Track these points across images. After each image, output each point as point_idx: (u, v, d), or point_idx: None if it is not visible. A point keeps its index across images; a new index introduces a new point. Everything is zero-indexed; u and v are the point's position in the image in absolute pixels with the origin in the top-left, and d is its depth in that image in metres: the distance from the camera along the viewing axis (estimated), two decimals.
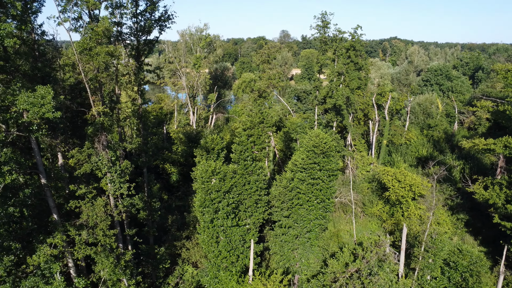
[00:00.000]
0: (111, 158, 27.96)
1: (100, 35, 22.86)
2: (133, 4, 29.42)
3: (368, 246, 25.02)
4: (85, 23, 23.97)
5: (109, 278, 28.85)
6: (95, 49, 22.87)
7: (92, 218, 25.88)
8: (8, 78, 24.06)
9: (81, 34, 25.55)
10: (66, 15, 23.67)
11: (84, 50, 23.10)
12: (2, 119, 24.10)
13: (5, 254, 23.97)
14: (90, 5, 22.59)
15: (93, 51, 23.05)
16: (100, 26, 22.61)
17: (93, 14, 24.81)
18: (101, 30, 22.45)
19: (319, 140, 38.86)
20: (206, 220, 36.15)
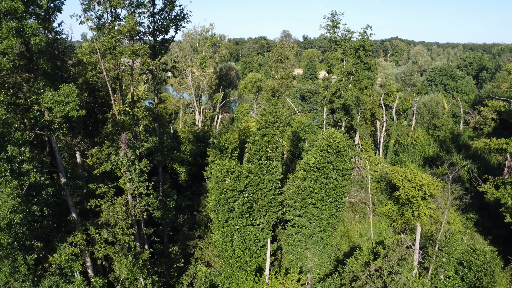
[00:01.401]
0: (130, 157, 27.95)
1: (124, 34, 22.86)
2: (150, 3, 29.39)
3: (390, 245, 25.05)
4: (107, 22, 23.93)
5: (126, 277, 28.84)
6: (120, 48, 22.85)
7: (113, 217, 25.86)
8: (31, 77, 24.05)
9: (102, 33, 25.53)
10: (88, 13, 23.64)
11: (108, 49, 23.09)
12: (25, 117, 24.15)
13: (28, 253, 23.98)
14: (115, 4, 22.58)
15: (117, 50, 23.05)
16: (126, 26, 22.59)
17: (114, 13, 24.79)
18: (128, 29, 22.43)
19: (333, 140, 38.88)
20: (221, 220, 36.16)
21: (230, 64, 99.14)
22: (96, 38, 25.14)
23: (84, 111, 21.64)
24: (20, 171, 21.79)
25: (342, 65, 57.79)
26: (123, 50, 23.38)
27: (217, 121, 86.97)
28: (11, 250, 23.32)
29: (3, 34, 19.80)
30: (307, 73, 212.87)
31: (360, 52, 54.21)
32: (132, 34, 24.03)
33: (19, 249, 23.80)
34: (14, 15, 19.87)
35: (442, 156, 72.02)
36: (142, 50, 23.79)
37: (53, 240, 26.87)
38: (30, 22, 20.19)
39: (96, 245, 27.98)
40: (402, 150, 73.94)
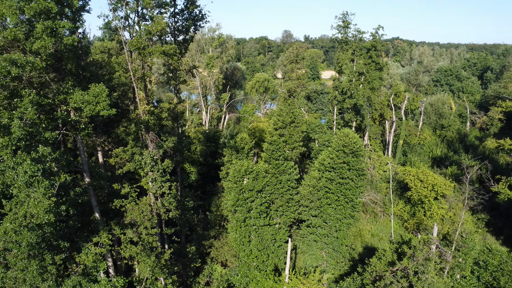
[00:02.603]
0: (153, 157, 27.97)
1: (153, 34, 22.87)
2: (171, 3, 29.42)
3: (416, 245, 25.10)
4: (135, 22, 23.95)
5: (148, 277, 28.87)
6: (149, 48, 22.86)
7: (139, 217, 25.87)
8: (58, 77, 24.05)
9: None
10: (116, 13, 23.65)
11: (138, 49, 23.09)
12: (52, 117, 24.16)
13: (55, 253, 23.98)
14: (145, 4, 22.59)
15: (146, 50, 23.06)
16: (156, 26, 22.60)
17: (141, 13, 24.80)
18: (158, 29, 22.44)
19: (349, 140, 38.98)
20: (238, 219, 36.19)
21: (235, 64, 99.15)
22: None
23: (114, 110, 21.66)
24: (51, 171, 21.82)
25: (352, 66, 57.87)
26: (153, 50, 23.40)
27: (224, 121, 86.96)
28: (39, 250, 23.32)
29: (37, 33, 19.83)
30: (310, 73, 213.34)
31: (371, 53, 54.31)
32: (162, 34, 24.04)
33: (47, 249, 23.81)
34: (47, 15, 19.88)
35: (450, 156, 72.16)
36: (172, 50, 23.79)
37: (78, 240, 26.89)
38: (62, 22, 20.18)
39: (120, 245, 27.98)
40: (410, 150, 74.05)
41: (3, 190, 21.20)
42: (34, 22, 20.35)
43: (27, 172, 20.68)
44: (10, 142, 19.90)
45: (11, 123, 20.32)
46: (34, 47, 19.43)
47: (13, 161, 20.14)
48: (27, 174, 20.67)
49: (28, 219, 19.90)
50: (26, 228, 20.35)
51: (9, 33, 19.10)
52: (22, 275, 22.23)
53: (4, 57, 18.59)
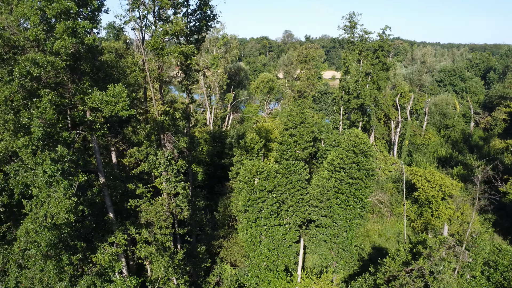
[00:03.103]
0: (167, 157, 27.98)
1: (170, 34, 22.88)
2: (184, 3, 29.42)
3: (433, 245, 25.14)
4: (152, 23, 23.96)
5: (162, 277, 28.89)
6: (168, 48, 22.86)
7: (156, 217, 25.88)
8: (74, 77, 24.04)
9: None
10: (133, 13, 23.66)
11: (156, 50, 23.10)
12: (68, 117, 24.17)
13: (72, 253, 24.00)
14: (164, 4, 22.60)
15: (164, 50, 23.06)
16: (175, 26, 22.60)
17: (157, 13, 24.82)
18: (176, 30, 22.45)
19: (359, 140, 39.03)
20: (250, 219, 36.23)
21: (239, 64, 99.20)
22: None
23: (134, 110, 21.66)
24: (70, 171, 21.84)
25: (358, 66, 57.92)
26: (172, 51, 23.40)
27: (228, 121, 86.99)
28: (56, 250, 23.34)
29: (57, 33, 19.84)
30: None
31: (379, 53, 54.37)
32: (180, 35, 24.05)
33: (64, 249, 23.83)
34: (67, 15, 19.89)
35: (455, 156, 72.26)
36: (190, 51, 23.80)
37: (93, 240, 26.89)
38: (82, 22, 20.19)
39: (135, 245, 27.98)
40: (415, 150, 74.11)
41: (22, 190, 21.21)
42: (55, 22, 20.37)
43: (46, 172, 20.71)
44: (31, 142, 19.92)
45: (31, 123, 20.33)
46: (54, 47, 19.43)
47: (33, 161, 20.16)
48: (46, 174, 20.71)
49: (49, 219, 19.90)
50: (46, 228, 20.35)
51: (30, 33, 19.10)
52: (40, 275, 22.22)
53: (26, 57, 18.61)
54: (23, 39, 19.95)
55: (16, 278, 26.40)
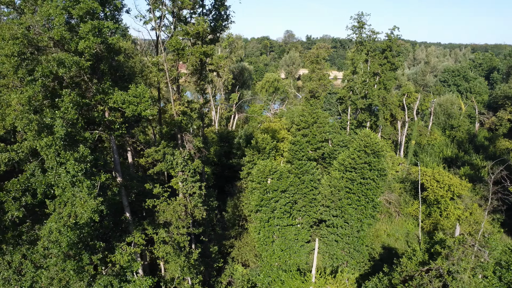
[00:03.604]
0: (184, 157, 28.01)
1: (191, 35, 22.90)
2: (200, 3, 29.45)
3: (451, 245, 25.19)
4: (172, 23, 23.96)
5: (179, 276, 28.94)
6: (190, 49, 22.87)
7: (174, 217, 25.90)
8: (95, 77, 24.05)
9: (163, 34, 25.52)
10: (153, 14, 23.67)
11: (177, 50, 23.11)
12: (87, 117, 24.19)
13: (92, 253, 24.01)
14: (185, 5, 22.62)
15: (186, 51, 23.08)
16: (197, 27, 22.61)
17: (176, 13, 24.83)
18: (200, 30, 22.46)
19: (370, 140, 39.08)
20: (263, 219, 36.28)
21: (243, 64, 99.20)
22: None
23: (156, 110, 21.67)
24: (92, 171, 21.86)
25: (366, 66, 57.97)
26: (193, 51, 23.41)
27: (233, 121, 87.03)
28: (76, 249, 23.35)
29: (81, 33, 19.85)
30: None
31: (387, 53, 54.43)
32: (203, 36, 24.08)
33: (84, 248, 23.84)
34: (92, 15, 19.91)
35: (461, 156, 72.36)
36: (211, 51, 23.84)
37: (111, 239, 26.91)
38: (106, 22, 20.21)
39: (150, 245, 28.01)
40: (421, 150, 74.19)
41: (45, 190, 21.23)
42: (77, 22, 20.39)
43: (69, 172, 20.73)
44: (54, 141, 19.92)
45: (53, 123, 20.34)
46: (79, 46, 19.44)
47: (56, 161, 20.17)
48: (69, 174, 20.73)
49: (73, 219, 19.92)
50: (69, 228, 20.36)
51: (56, 33, 19.10)
52: (62, 275, 22.22)
53: (52, 56, 18.61)
54: (47, 39, 19.95)
55: (33, 278, 26.44)
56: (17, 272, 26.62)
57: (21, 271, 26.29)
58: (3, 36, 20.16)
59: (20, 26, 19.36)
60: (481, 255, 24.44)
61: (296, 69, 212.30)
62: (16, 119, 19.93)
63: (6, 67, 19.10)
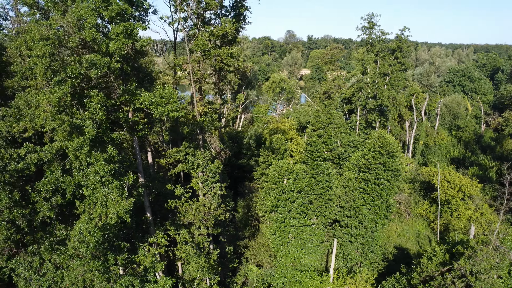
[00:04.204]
0: (205, 157, 28.05)
1: (216, 36, 22.94)
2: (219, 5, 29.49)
3: (474, 245, 25.29)
4: (197, 24, 24.00)
5: (200, 276, 28.98)
6: (215, 50, 22.91)
7: (198, 217, 25.94)
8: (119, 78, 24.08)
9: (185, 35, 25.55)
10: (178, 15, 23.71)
11: (203, 51, 23.15)
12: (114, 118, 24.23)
13: (118, 253, 24.05)
14: (212, 6, 22.68)
15: (212, 52, 23.12)
16: (224, 28, 22.67)
17: (200, 15, 24.88)
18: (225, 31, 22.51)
19: (385, 141, 39.16)
20: (279, 220, 36.34)
21: (249, 65, 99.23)
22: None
23: (184, 111, 21.71)
24: (120, 172, 21.91)
25: (375, 67, 58.01)
26: (220, 52, 23.47)
27: (240, 121, 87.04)
28: (102, 250, 23.40)
29: (112, 34, 19.90)
30: (315, 74, 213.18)
31: (397, 54, 54.51)
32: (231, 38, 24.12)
33: (109, 249, 23.89)
34: (122, 16, 19.96)
35: (469, 157, 72.47)
36: (238, 53, 23.91)
37: (132, 240, 26.96)
38: (137, 23, 20.25)
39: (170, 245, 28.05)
40: (428, 151, 74.29)
41: (74, 191, 21.27)
42: (107, 23, 20.43)
43: (98, 173, 20.79)
44: (84, 142, 19.97)
45: (83, 124, 20.38)
46: (110, 48, 19.49)
47: (87, 162, 20.21)
48: (98, 175, 20.78)
49: (103, 220, 19.96)
50: (99, 228, 20.41)
51: (87, 34, 19.14)
52: (90, 275, 22.26)
53: (85, 58, 18.65)
54: (78, 40, 19.98)
55: (53, 278, 26.49)
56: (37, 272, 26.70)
57: (41, 271, 26.35)
58: (33, 37, 20.22)
59: (51, 27, 19.38)
60: (507, 256, 24.47)
61: (298, 69, 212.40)
62: (46, 120, 19.96)
63: (38, 68, 19.12)
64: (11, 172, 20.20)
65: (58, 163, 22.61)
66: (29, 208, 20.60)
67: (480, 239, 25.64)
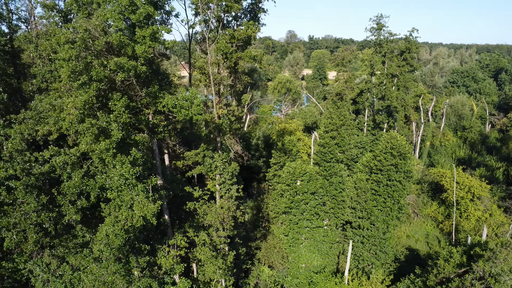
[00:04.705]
0: (223, 159, 28.13)
1: (238, 39, 23.01)
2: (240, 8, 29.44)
3: (494, 247, 25.38)
4: (218, 27, 24.05)
5: (218, 278, 29.08)
6: (238, 53, 22.97)
7: (218, 219, 26.03)
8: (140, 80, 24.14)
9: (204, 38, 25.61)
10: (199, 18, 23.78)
11: (225, 54, 23.23)
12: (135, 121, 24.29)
13: (139, 256, 24.13)
14: (235, 9, 22.74)
15: (234, 55, 23.18)
16: (247, 31, 22.72)
17: (220, 18, 24.93)
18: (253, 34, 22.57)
19: (397, 142, 39.28)
20: (292, 221, 36.46)
21: (254, 66, 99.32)
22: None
23: (208, 114, 21.79)
24: (144, 174, 21.98)
25: (383, 68, 58.15)
26: (243, 55, 23.54)
27: (245, 122, 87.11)
28: (124, 252, 23.45)
29: (138, 38, 19.97)
30: (317, 74, 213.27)
31: (406, 55, 54.66)
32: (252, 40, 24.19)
33: (131, 251, 23.96)
34: (148, 20, 20.04)
35: (475, 158, 72.61)
36: (260, 56, 24.00)
37: (151, 242, 27.02)
38: (162, 27, 20.32)
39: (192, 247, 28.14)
40: (434, 151, 74.41)
41: (98, 193, 21.32)
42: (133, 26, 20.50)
43: (123, 175, 20.84)
44: (111, 145, 20.03)
45: (109, 127, 20.44)
46: (137, 51, 19.55)
47: (112, 164, 20.27)
48: (123, 178, 20.83)
49: (129, 222, 20.02)
50: (124, 231, 20.47)
51: (115, 38, 19.20)
52: (111, 278, 22.31)
53: (114, 61, 18.71)
54: (104, 43, 20.05)
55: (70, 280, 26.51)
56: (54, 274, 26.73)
57: (56, 273, 26.38)
58: (58, 40, 20.30)
59: (76, 30, 19.43)
60: None
61: (300, 69, 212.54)
62: (72, 123, 20.02)
63: (64, 71, 19.18)
64: (37, 175, 20.25)
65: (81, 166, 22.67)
66: (55, 212, 20.64)
67: (499, 241, 25.73)
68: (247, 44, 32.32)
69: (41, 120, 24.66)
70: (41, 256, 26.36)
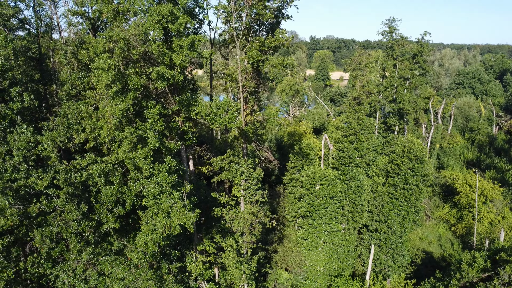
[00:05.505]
0: (248, 165, 28.31)
1: (268, 47, 23.20)
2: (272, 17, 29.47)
3: None
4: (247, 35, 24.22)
5: (243, 283, 29.28)
6: (268, 61, 23.16)
7: (246, 225, 26.23)
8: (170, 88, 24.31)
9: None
10: (230, 25, 23.94)
11: (256, 62, 23.40)
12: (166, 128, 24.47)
13: (170, 262, 24.32)
14: (267, 18, 22.89)
15: (266, 63, 23.38)
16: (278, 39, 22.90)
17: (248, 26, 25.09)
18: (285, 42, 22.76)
19: (414, 146, 39.50)
20: (312, 225, 36.67)
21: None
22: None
23: (242, 121, 21.97)
24: (178, 182, 22.15)
25: (394, 71, 58.28)
26: (275, 63, 23.75)
27: None
28: (156, 259, 23.67)
29: (175, 47, 20.15)
30: (319, 74, 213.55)
31: (418, 58, 54.84)
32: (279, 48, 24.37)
33: (163, 258, 24.16)
34: (188, 29, 20.21)
35: (483, 160, 72.89)
36: (292, 64, 24.18)
37: (179, 247, 27.22)
38: (198, 36, 20.47)
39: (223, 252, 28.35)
40: (443, 154, 74.68)
41: (133, 201, 21.49)
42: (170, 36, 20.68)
43: (159, 183, 21.02)
44: (148, 153, 20.21)
45: (146, 135, 20.61)
46: (175, 61, 19.72)
47: (149, 172, 20.44)
48: (159, 185, 21.01)
49: (167, 230, 20.20)
50: (161, 239, 20.66)
51: (154, 48, 19.37)
52: (147, 284, 22.51)
53: (156, 70, 18.88)
54: (142, 52, 20.21)
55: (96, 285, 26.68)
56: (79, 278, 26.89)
57: (81, 277, 26.54)
58: (95, 49, 20.46)
59: (117, 39, 19.58)
60: None
61: (302, 70, 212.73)
62: (110, 131, 20.19)
63: (103, 80, 19.34)
64: (76, 184, 20.40)
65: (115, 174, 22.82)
66: (95, 220, 20.81)
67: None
68: (275, 51, 32.58)
69: (70, 127, 24.76)
70: (67, 261, 26.50)
